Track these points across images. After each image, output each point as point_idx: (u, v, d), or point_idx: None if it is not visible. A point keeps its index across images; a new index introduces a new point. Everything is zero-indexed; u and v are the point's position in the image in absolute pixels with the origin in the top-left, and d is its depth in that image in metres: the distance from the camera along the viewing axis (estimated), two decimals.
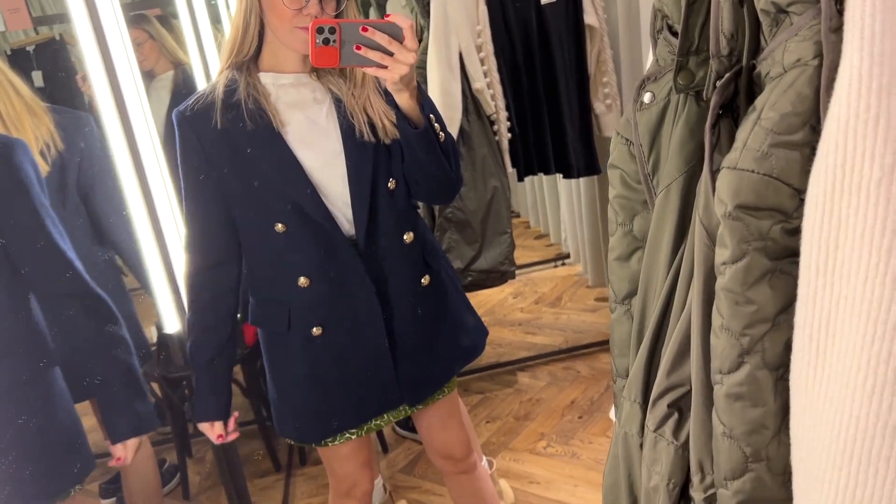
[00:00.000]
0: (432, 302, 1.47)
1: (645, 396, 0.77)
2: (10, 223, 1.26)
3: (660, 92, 0.73)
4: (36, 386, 1.32)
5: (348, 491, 1.57)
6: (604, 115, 2.53)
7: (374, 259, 1.38)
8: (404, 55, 1.13)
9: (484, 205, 2.51)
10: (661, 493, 0.72)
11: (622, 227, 0.81)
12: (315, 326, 1.39)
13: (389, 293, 1.41)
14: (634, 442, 0.79)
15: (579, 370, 2.82)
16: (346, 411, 1.45)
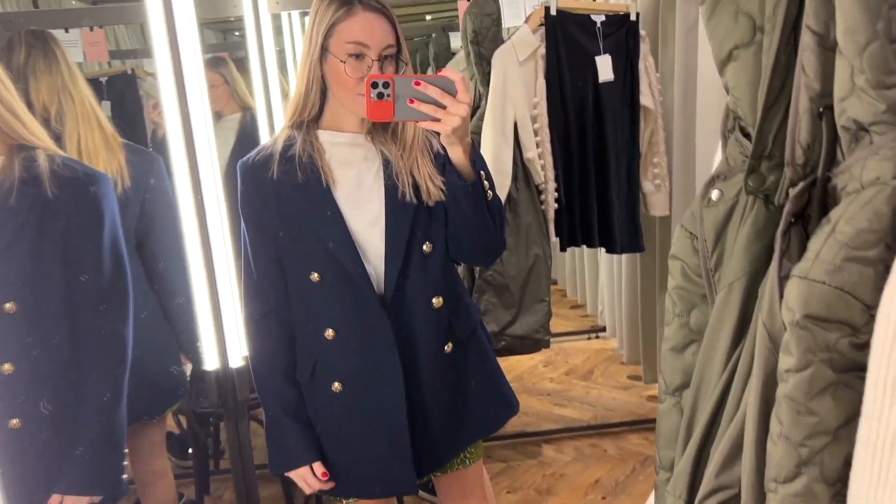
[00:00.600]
0: (454, 370, 1.46)
1: (691, 494, 0.76)
2: (80, 252, 1.33)
3: (728, 191, 0.74)
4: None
5: None
6: (652, 194, 2.55)
7: (400, 320, 1.39)
8: (457, 108, 1.15)
9: (524, 271, 2.52)
10: None
11: (679, 318, 0.81)
12: (336, 381, 1.40)
13: (411, 356, 1.41)
14: None
15: (606, 449, 2.77)
16: (360, 472, 1.43)
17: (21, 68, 1.70)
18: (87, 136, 1.70)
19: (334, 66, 1.29)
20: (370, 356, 1.39)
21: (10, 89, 1.31)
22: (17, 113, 1.31)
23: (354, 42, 1.27)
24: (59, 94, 1.71)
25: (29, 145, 1.33)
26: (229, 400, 1.72)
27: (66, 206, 1.32)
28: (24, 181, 1.29)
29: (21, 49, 1.71)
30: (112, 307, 1.39)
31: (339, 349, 1.39)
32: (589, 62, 2.39)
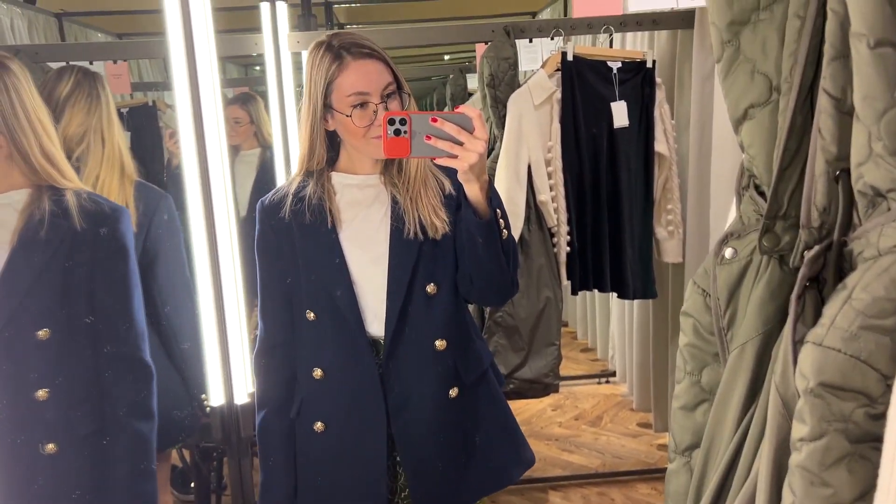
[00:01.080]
0: (460, 417, 1.42)
1: None
2: (105, 284, 1.38)
3: (742, 250, 0.73)
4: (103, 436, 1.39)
5: None
6: (665, 240, 2.53)
7: (399, 363, 1.37)
8: (474, 144, 1.15)
9: (535, 314, 2.50)
10: None
11: (690, 376, 0.80)
12: (319, 421, 1.40)
13: (411, 401, 1.38)
14: None
15: (614, 498, 2.71)
16: None
17: (61, 100, 1.75)
18: (105, 176, 1.73)
19: (341, 119, 1.31)
20: (356, 400, 1.38)
21: (51, 135, 1.35)
22: (54, 161, 1.36)
23: (355, 94, 1.29)
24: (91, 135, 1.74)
25: (56, 186, 1.36)
26: (233, 436, 1.70)
27: (94, 239, 1.36)
28: (55, 214, 1.33)
29: (69, 82, 1.76)
30: (136, 335, 1.42)
31: (325, 389, 1.39)
32: (604, 107, 2.40)
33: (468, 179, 1.22)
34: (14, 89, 1.28)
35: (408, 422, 1.38)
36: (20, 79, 1.31)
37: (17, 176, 1.35)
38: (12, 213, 1.34)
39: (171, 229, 1.86)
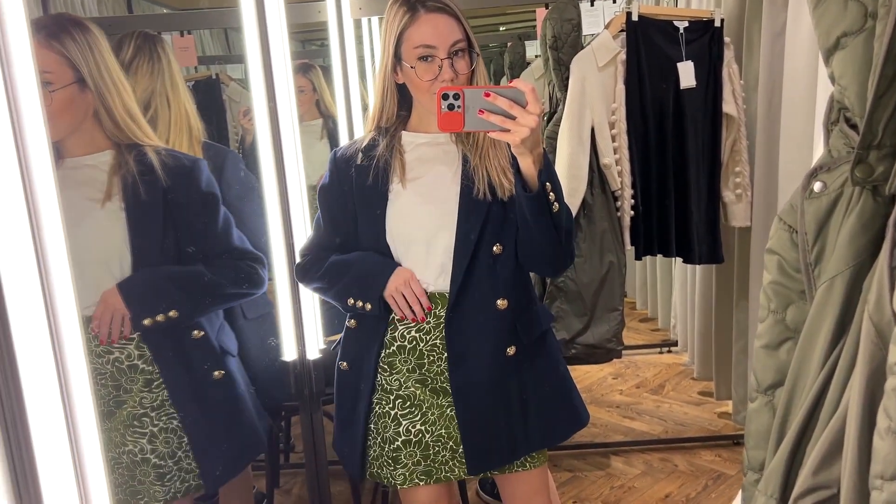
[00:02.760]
0: (517, 374, 1.45)
1: (783, 494, 0.74)
2: (209, 227, 1.49)
3: (832, 183, 0.72)
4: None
5: None
6: (732, 204, 2.48)
7: (461, 319, 1.40)
8: (526, 119, 1.15)
9: (598, 279, 2.48)
10: None
11: (774, 314, 0.79)
12: (343, 362, 1.51)
13: (469, 356, 1.41)
14: None
15: (677, 464, 2.70)
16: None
17: (124, 67, 1.79)
18: (175, 139, 1.79)
19: (407, 72, 1.34)
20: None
21: (129, 92, 1.41)
22: (134, 116, 1.42)
23: (421, 45, 1.31)
24: (157, 98, 1.79)
25: (137, 143, 1.42)
26: (305, 391, 1.76)
27: (183, 192, 1.44)
28: (143, 174, 1.40)
29: (129, 48, 1.80)
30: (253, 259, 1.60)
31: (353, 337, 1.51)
32: (670, 68, 2.35)
33: (521, 153, 1.23)
34: (97, 48, 1.34)
35: (464, 376, 1.42)
36: (100, 39, 1.37)
37: (100, 137, 1.41)
38: (101, 174, 1.41)
39: (243, 184, 1.92)
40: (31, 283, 0.65)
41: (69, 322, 0.68)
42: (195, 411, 1.51)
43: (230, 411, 1.59)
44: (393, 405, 1.46)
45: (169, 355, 1.50)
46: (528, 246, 1.38)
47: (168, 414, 1.50)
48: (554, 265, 1.44)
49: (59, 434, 0.67)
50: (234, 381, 1.61)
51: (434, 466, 1.45)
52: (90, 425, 0.71)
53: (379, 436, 1.48)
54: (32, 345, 0.65)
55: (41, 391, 0.66)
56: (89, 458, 0.70)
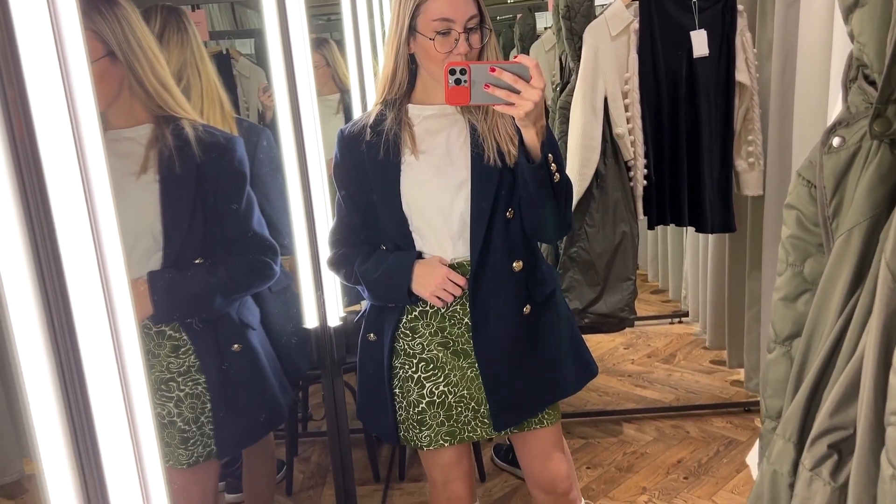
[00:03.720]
0: (532, 332, 1.51)
1: (801, 436, 0.77)
2: (229, 210, 1.50)
3: (850, 137, 0.74)
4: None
5: (448, 501, 1.60)
6: (745, 172, 2.49)
7: (483, 282, 1.45)
8: (530, 93, 1.21)
9: (611, 248, 2.51)
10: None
11: (792, 267, 0.82)
12: (370, 333, 1.56)
13: (490, 318, 1.47)
14: (784, 481, 0.78)
15: (689, 430, 2.74)
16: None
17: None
18: (208, 111, 1.81)
19: (423, 43, 1.37)
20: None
21: (163, 63, 1.43)
22: (168, 86, 1.44)
23: (441, 19, 1.34)
24: (188, 69, 1.81)
25: (174, 115, 1.45)
26: (326, 358, 1.80)
27: (215, 169, 1.47)
28: (179, 147, 1.43)
29: (156, 22, 1.82)
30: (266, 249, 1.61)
31: (377, 308, 1.57)
32: (683, 37, 2.35)
33: (525, 125, 1.28)
34: (125, 19, 1.36)
35: (486, 337, 1.47)
36: (129, 11, 1.39)
37: (139, 110, 1.44)
38: (138, 147, 1.44)
39: (274, 161, 1.95)
40: (87, 251, 0.68)
41: (121, 290, 0.71)
42: (218, 379, 1.56)
43: (249, 382, 1.63)
44: (416, 369, 1.51)
45: (195, 327, 1.54)
46: (529, 213, 1.44)
47: (194, 380, 1.55)
48: (553, 232, 1.50)
49: (115, 396, 0.71)
50: (253, 354, 1.65)
51: (458, 427, 1.50)
52: (141, 386, 0.74)
53: (404, 399, 1.52)
54: (91, 313, 0.68)
55: (98, 355, 0.69)
56: (141, 416, 0.74)
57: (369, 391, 1.60)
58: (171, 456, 1.55)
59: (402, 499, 2.48)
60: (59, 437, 0.69)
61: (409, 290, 1.45)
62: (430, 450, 1.53)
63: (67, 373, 0.68)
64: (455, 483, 1.58)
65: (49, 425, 0.68)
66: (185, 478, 1.56)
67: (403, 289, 1.45)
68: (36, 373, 0.66)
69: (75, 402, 0.69)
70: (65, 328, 0.67)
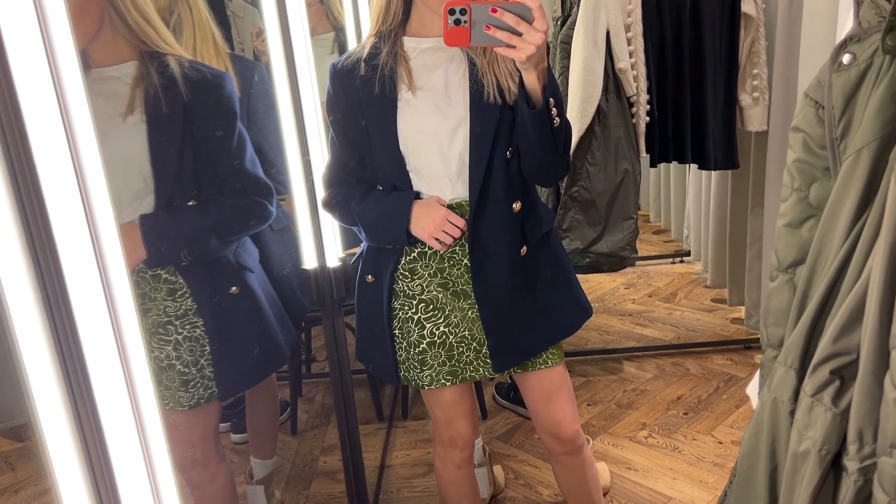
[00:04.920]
0: (529, 273, 1.49)
1: (803, 363, 0.76)
2: (223, 145, 1.47)
3: (861, 53, 0.71)
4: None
5: (451, 439, 1.61)
6: (749, 108, 2.45)
7: (480, 223, 1.43)
8: (533, 36, 1.16)
9: (612, 187, 2.48)
10: (811, 459, 0.71)
11: (797, 192, 0.80)
12: (368, 275, 1.53)
13: (489, 260, 1.45)
14: (784, 408, 0.78)
15: (689, 368, 2.76)
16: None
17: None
18: (201, 47, 1.75)
19: None
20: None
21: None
22: (151, 20, 1.39)
23: None
24: (179, 3, 1.76)
25: (160, 52, 1.40)
26: (326, 298, 1.80)
27: (202, 107, 1.43)
28: (165, 86, 1.38)
29: None
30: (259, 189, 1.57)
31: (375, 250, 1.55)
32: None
33: (526, 69, 1.24)
34: None
35: (486, 279, 1.45)
36: None
37: (122, 46, 1.39)
38: (124, 86, 1.40)
39: (266, 93, 1.91)
40: (72, 196, 0.66)
41: (108, 231, 0.70)
42: (216, 322, 1.55)
43: (248, 325, 1.62)
44: (416, 310, 1.50)
45: (191, 270, 1.53)
46: (528, 157, 1.41)
47: (192, 323, 1.54)
48: (551, 175, 1.48)
49: (107, 340, 0.70)
50: (252, 296, 1.64)
51: (459, 367, 1.50)
52: (133, 326, 0.73)
53: (404, 340, 1.52)
54: (78, 253, 0.67)
55: (88, 297, 0.68)
56: (134, 356, 0.73)
57: (368, 333, 1.59)
58: (171, 398, 1.56)
59: (406, 437, 2.51)
60: (53, 386, 0.68)
61: (408, 232, 1.43)
62: (431, 389, 1.53)
63: (59, 321, 0.67)
64: (457, 421, 1.59)
65: (44, 375, 0.67)
66: (186, 419, 1.57)
67: (402, 230, 1.43)
68: (27, 323, 0.65)
69: (68, 349, 0.68)
70: (54, 276, 0.66)
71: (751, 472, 0.83)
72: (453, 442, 1.62)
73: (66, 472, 0.70)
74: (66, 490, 0.70)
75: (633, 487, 2.15)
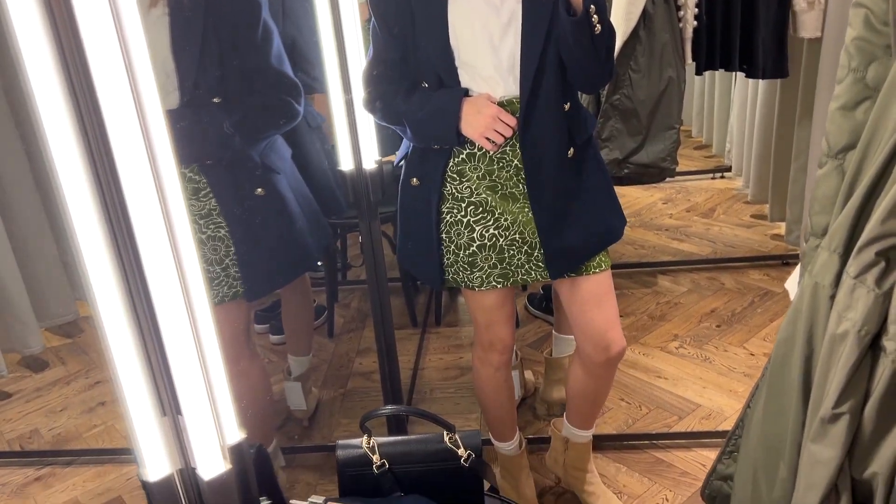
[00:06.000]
0: (576, 176, 1.48)
1: (847, 247, 0.75)
2: (247, 39, 1.45)
3: None
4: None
5: (491, 343, 1.64)
6: (803, 13, 2.33)
7: (531, 122, 1.41)
8: None
9: (655, 95, 2.41)
10: (849, 339, 0.71)
11: (854, 73, 0.76)
12: (413, 178, 1.51)
13: (539, 159, 1.43)
14: (825, 293, 0.77)
15: (724, 282, 2.75)
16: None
17: None
18: None
19: None
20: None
21: None
22: None
23: None
24: None
25: None
26: (363, 200, 1.81)
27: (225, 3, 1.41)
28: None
29: None
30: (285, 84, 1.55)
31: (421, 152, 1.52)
32: None
33: None
34: None
35: (539, 181, 1.44)
36: None
37: None
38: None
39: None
40: (121, 79, 0.67)
41: (157, 123, 0.70)
42: (239, 224, 1.57)
43: (274, 227, 1.63)
44: (465, 213, 1.49)
45: (215, 169, 1.54)
46: (569, 63, 1.38)
47: (215, 223, 1.57)
48: (592, 82, 1.46)
49: (159, 233, 0.72)
50: (279, 198, 1.64)
51: (510, 269, 1.50)
52: (183, 221, 0.75)
53: (452, 243, 1.52)
54: (131, 152, 0.68)
55: (141, 194, 0.69)
56: (185, 251, 0.75)
57: (412, 236, 1.60)
58: None
59: (439, 342, 2.57)
60: (110, 278, 0.70)
61: (458, 131, 1.40)
62: (479, 291, 1.53)
63: (113, 214, 0.69)
64: (498, 326, 1.61)
65: (101, 270, 0.69)
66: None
67: (451, 129, 1.40)
68: (86, 220, 0.67)
69: (122, 241, 0.70)
70: (107, 169, 0.67)
71: (786, 359, 0.83)
72: (493, 346, 1.64)
73: (124, 360, 0.74)
74: (124, 373, 0.74)
75: (661, 394, 2.18)
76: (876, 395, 0.70)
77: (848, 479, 0.74)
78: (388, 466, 1.22)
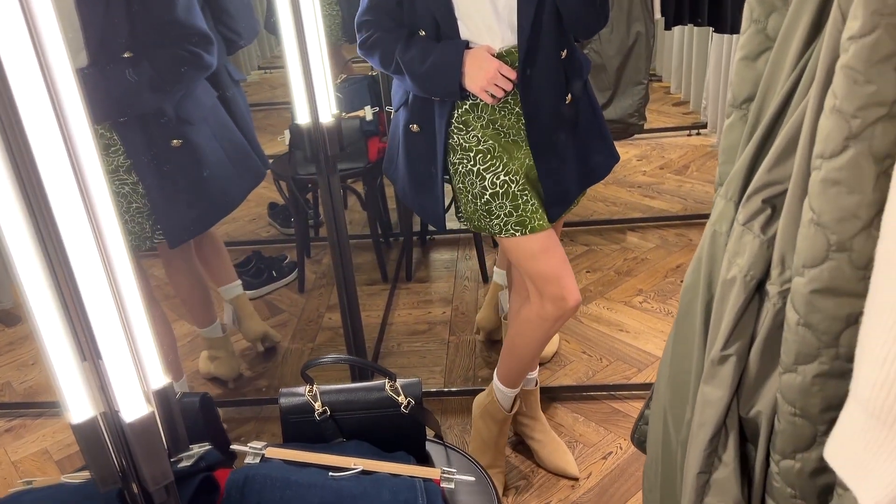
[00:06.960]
0: (572, 121, 1.51)
1: (741, 195, 0.77)
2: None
3: None
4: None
5: (561, 294, 1.51)
6: None
7: (531, 72, 1.43)
8: None
9: (624, 50, 2.41)
10: (737, 284, 0.73)
11: (756, 24, 0.77)
12: (413, 124, 1.53)
13: (541, 107, 1.46)
14: (722, 240, 0.79)
15: (692, 238, 2.77)
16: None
17: None
18: None
19: None
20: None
21: None
22: None
23: None
24: None
25: None
26: (321, 154, 1.81)
27: None
28: None
29: None
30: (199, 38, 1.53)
31: (422, 100, 1.53)
32: None
33: None
34: None
35: (540, 128, 1.48)
36: None
37: None
38: None
39: None
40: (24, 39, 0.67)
41: (67, 81, 0.71)
42: (153, 176, 1.58)
43: (190, 177, 1.64)
44: (474, 161, 1.51)
45: (127, 125, 1.54)
46: (564, 11, 1.40)
47: (121, 179, 1.58)
48: (589, 28, 1.46)
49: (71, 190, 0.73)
50: (196, 149, 1.64)
51: (526, 216, 1.49)
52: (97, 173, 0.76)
53: (468, 192, 1.53)
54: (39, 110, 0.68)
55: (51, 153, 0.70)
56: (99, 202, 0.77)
57: (416, 179, 1.60)
58: None
59: (409, 297, 2.60)
60: (23, 229, 0.72)
61: (460, 86, 1.42)
62: (515, 238, 1.50)
63: (21, 165, 0.70)
64: (557, 275, 1.52)
65: (13, 222, 0.71)
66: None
67: (454, 84, 1.42)
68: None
69: (33, 194, 0.71)
70: (14, 125, 0.68)
71: (690, 305, 0.85)
72: (563, 299, 1.52)
73: (41, 308, 0.76)
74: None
75: (622, 347, 2.22)
76: (760, 337, 0.72)
77: (736, 418, 0.77)
78: (330, 413, 1.25)
